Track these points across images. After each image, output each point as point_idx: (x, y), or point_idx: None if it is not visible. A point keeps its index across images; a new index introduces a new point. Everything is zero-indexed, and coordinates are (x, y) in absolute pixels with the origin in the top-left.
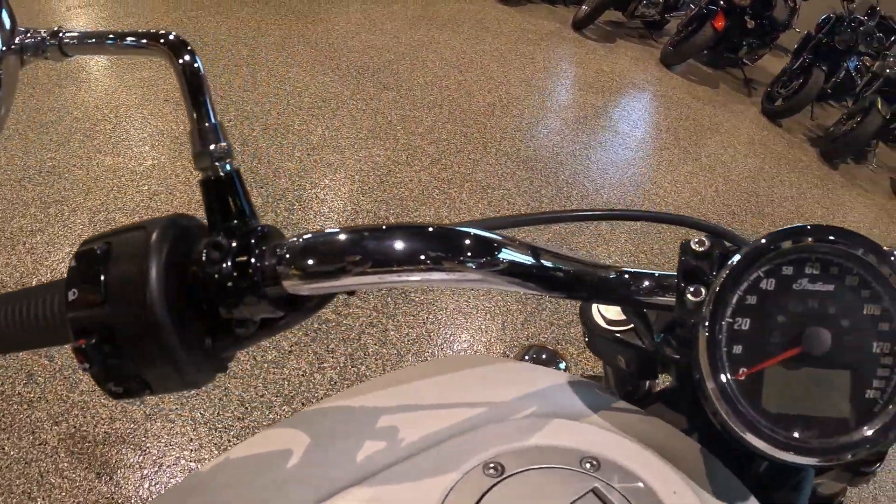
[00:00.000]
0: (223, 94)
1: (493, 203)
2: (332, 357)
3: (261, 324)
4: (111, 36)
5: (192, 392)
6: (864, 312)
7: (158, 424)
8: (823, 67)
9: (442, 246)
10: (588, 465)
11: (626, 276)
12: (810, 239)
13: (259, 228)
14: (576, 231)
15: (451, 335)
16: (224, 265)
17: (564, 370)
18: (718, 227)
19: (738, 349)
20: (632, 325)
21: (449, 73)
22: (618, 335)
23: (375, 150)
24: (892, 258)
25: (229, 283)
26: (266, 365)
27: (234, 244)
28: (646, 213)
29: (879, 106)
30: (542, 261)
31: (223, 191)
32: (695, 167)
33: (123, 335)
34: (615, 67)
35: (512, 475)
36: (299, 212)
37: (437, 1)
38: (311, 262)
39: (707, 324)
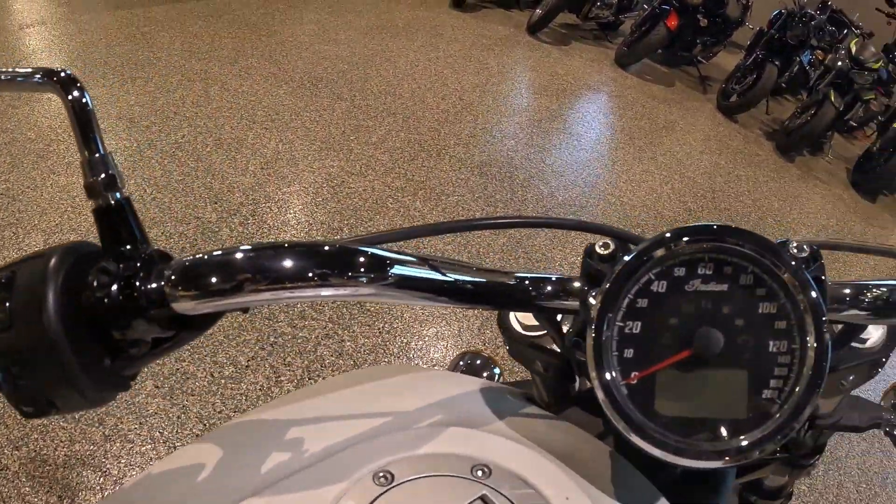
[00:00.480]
0: (176, 111)
1: (447, 209)
2: (290, 370)
3: (154, 343)
4: (2, 71)
5: (152, 411)
6: (760, 311)
7: (118, 445)
8: (776, 62)
9: (329, 263)
10: (479, 473)
11: (527, 282)
12: (699, 239)
13: (148, 253)
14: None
15: (406, 343)
16: (112, 289)
17: (499, 376)
18: (622, 230)
19: (629, 353)
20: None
21: (403, 82)
22: (533, 340)
23: (329, 162)
24: (789, 255)
25: (117, 307)
26: (223, 381)
27: (121, 268)
28: (547, 220)
29: (832, 98)
30: (438, 273)
31: (114, 218)
32: (650, 166)
33: (28, 358)
34: (570, 70)
35: (400, 484)
36: (253, 226)
37: (392, 9)
38: (194, 282)
39: (594, 327)
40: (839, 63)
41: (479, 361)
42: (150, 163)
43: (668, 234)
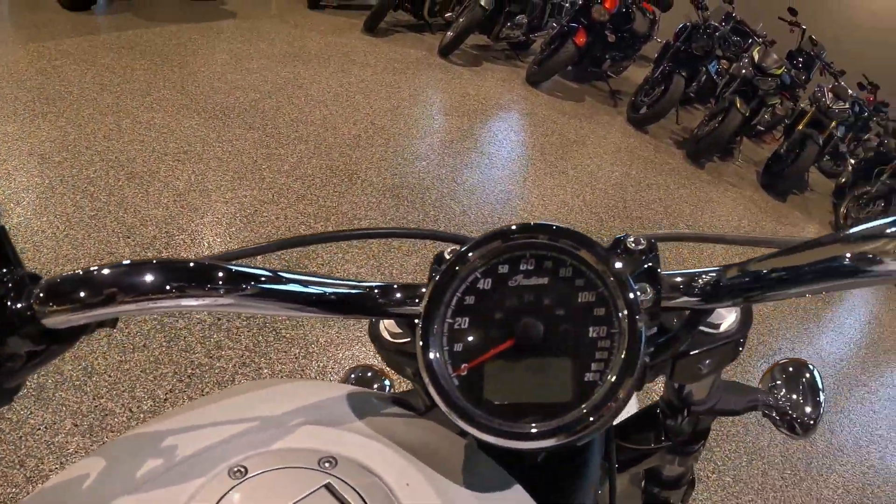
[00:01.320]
0: (88, 145)
1: None
2: None
3: (28, 357)
4: None
5: (72, 450)
6: (579, 301)
7: (41, 486)
8: (683, 73)
9: (184, 277)
10: (326, 464)
11: (377, 290)
12: (516, 238)
13: (19, 275)
14: None
15: (323, 367)
16: None
17: (389, 387)
18: (466, 237)
19: (458, 347)
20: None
21: (314, 109)
22: (399, 347)
23: (242, 192)
24: (601, 249)
25: None
26: (142, 415)
27: None
28: (396, 231)
29: (738, 105)
30: (291, 285)
31: None
32: (561, 180)
33: None
34: (481, 90)
35: (253, 476)
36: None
37: (305, 36)
38: (59, 298)
39: (421, 326)
40: (743, 71)
41: (369, 374)
42: (63, 199)
43: (487, 236)
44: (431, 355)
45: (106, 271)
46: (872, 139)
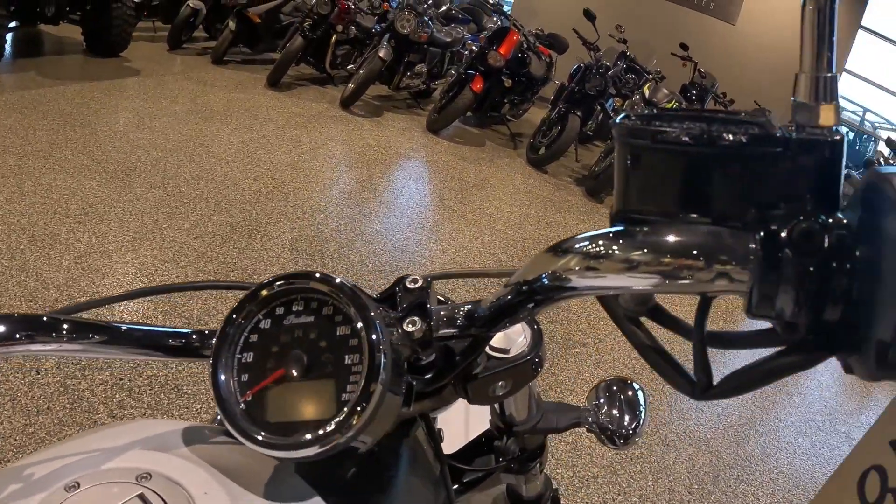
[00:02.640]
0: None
1: None
2: None
3: None
4: None
5: None
6: (338, 334)
7: None
8: (578, 113)
9: (33, 327)
10: (143, 479)
11: (194, 335)
12: (281, 286)
13: None
14: None
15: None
16: None
17: None
18: (250, 284)
19: (245, 377)
20: None
21: (216, 166)
22: None
23: (142, 252)
24: (350, 288)
25: None
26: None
27: None
28: (180, 286)
29: None
30: (119, 334)
31: None
32: (460, 224)
33: None
34: (381, 140)
35: (83, 489)
36: None
37: (207, 93)
38: None
39: (212, 363)
40: (635, 108)
41: None
42: None
43: (258, 285)
44: (220, 387)
45: None
46: None
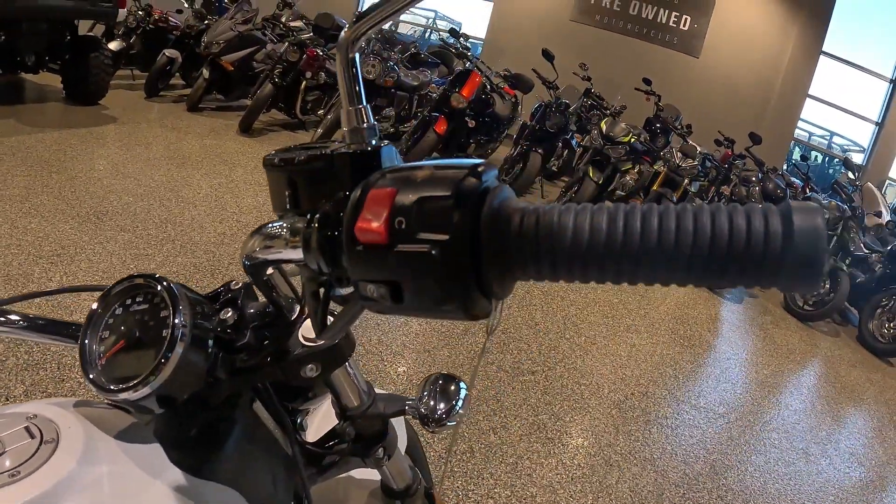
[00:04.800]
0: None
1: None
2: None
3: None
4: None
5: None
6: (160, 316)
7: None
8: (539, 150)
9: None
10: (30, 419)
11: (73, 326)
12: (123, 284)
13: None
14: None
15: None
16: None
17: None
18: (105, 286)
19: (101, 348)
20: None
21: (184, 210)
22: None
23: None
24: (168, 288)
25: None
26: None
27: None
28: (64, 289)
29: (591, 174)
30: (22, 321)
31: None
32: None
33: None
34: None
35: None
36: (38, 355)
37: (181, 139)
38: None
39: (80, 338)
40: (593, 142)
41: None
42: None
43: (113, 284)
44: (86, 353)
45: None
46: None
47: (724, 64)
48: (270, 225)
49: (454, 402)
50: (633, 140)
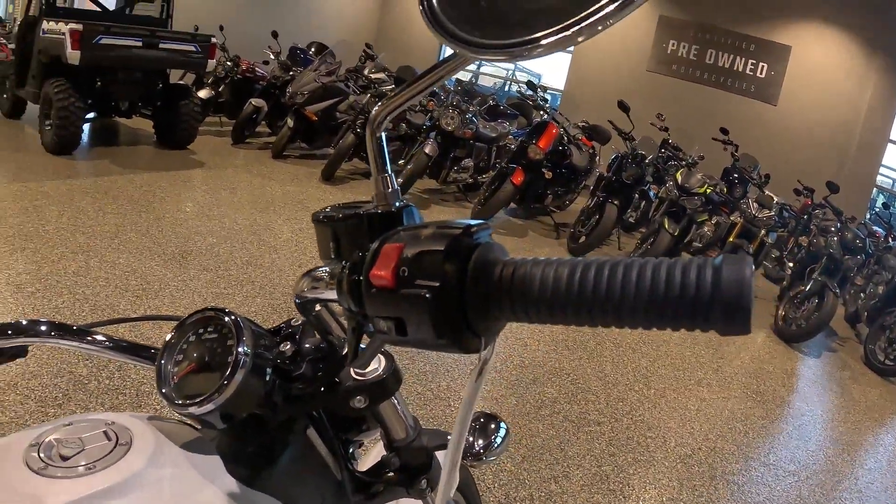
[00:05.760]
0: (59, 279)
1: None
2: None
3: None
4: None
5: None
6: (227, 344)
7: None
8: (616, 202)
9: (50, 329)
10: (109, 425)
11: (152, 349)
12: (195, 316)
13: None
14: None
15: None
16: None
17: None
18: (180, 316)
19: (175, 369)
20: None
21: (265, 253)
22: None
23: None
24: (233, 321)
25: None
26: None
27: None
28: (150, 317)
29: (666, 225)
30: (106, 342)
31: None
32: None
33: None
34: None
35: (73, 425)
36: (118, 380)
37: (264, 185)
38: None
39: (157, 359)
40: (668, 193)
41: None
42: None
43: (188, 315)
44: (161, 373)
45: (20, 322)
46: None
47: (802, 111)
48: (317, 270)
49: (492, 439)
50: (709, 191)
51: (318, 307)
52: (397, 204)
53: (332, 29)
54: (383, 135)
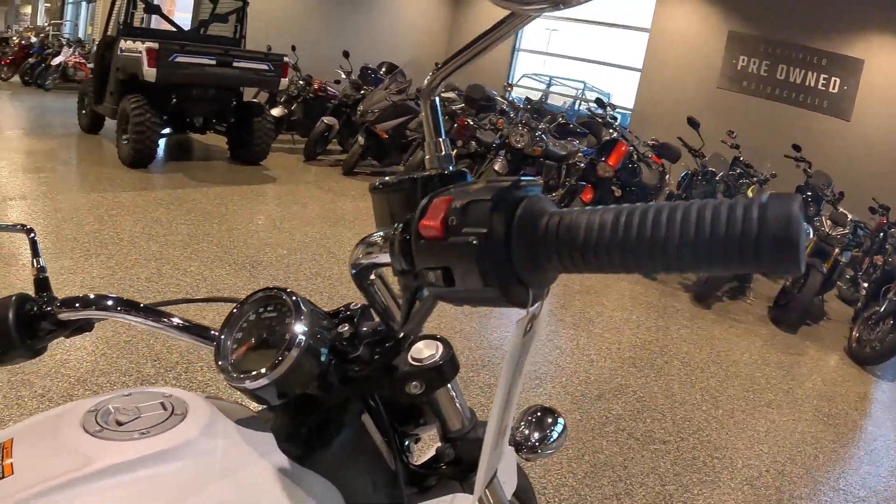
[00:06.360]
0: (131, 285)
1: None
2: None
3: (48, 332)
4: None
5: None
6: (285, 322)
7: None
8: None
9: (120, 305)
10: (166, 397)
11: (212, 331)
12: (256, 296)
13: (50, 296)
14: None
15: None
16: (31, 312)
17: None
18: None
19: (235, 345)
20: None
21: (333, 265)
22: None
23: None
24: (293, 299)
25: (36, 316)
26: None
27: (33, 302)
28: (211, 298)
29: None
30: (169, 320)
31: (39, 286)
32: (558, 326)
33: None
34: None
35: (134, 394)
36: (184, 379)
37: (335, 200)
38: (68, 304)
39: (218, 335)
40: None
41: None
42: (104, 327)
43: (248, 295)
44: (221, 349)
45: (89, 296)
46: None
47: (877, 126)
48: (371, 236)
49: (548, 433)
50: None
51: (372, 277)
52: (450, 168)
53: (403, 48)
54: (437, 100)
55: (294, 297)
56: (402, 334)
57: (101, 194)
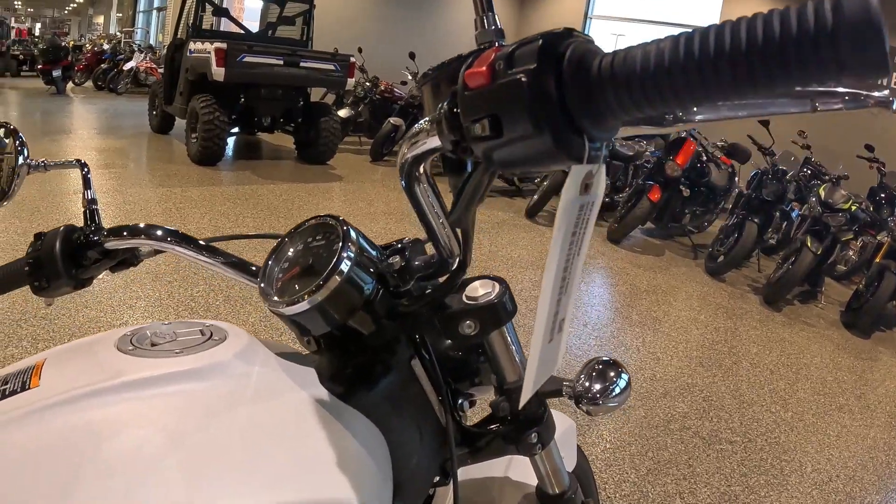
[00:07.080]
0: (195, 272)
1: None
2: None
3: (94, 262)
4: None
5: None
6: (332, 249)
7: None
8: (756, 220)
9: (166, 235)
10: (209, 327)
11: (253, 266)
12: (306, 224)
13: (98, 225)
14: None
15: None
16: (78, 241)
17: None
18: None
19: (280, 274)
20: None
21: None
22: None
23: None
24: (341, 227)
25: (82, 245)
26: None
27: (85, 231)
28: (260, 235)
29: (809, 244)
30: (219, 256)
31: (87, 217)
32: (623, 324)
33: (41, 272)
34: None
35: (176, 323)
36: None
37: (401, 199)
38: (114, 233)
39: (265, 261)
40: (810, 210)
41: None
42: (167, 308)
43: (297, 225)
44: (268, 274)
45: (138, 225)
46: None
47: None
48: (414, 126)
49: (610, 386)
50: (853, 208)
51: (420, 171)
52: (501, 42)
53: (468, 49)
54: None
55: (345, 226)
56: (455, 267)
57: (170, 189)
